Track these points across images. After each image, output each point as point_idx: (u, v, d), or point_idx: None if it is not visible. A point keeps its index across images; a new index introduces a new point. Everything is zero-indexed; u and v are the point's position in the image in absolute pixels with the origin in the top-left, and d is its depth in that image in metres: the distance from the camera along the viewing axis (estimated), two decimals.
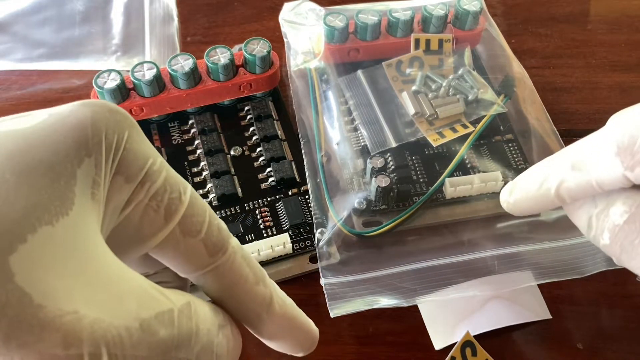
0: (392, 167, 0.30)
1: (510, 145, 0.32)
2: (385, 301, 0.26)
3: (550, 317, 0.27)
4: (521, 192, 0.23)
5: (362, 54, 0.34)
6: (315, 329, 0.21)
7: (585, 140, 0.20)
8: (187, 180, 0.26)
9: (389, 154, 0.30)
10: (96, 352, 0.14)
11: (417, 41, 0.33)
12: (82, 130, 0.15)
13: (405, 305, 0.26)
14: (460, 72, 0.32)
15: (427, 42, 0.33)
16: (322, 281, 0.26)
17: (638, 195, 0.19)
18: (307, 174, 0.30)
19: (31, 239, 0.13)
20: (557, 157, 0.21)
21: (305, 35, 0.35)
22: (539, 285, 0.28)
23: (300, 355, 0.21)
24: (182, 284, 0.20)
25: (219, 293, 0.19)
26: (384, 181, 0.28)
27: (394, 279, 0.26)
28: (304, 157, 0.30)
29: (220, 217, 0.21)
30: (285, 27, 0.36)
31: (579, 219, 0.21)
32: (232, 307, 0.19)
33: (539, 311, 0.27)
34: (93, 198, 0.15)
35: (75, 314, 0.13)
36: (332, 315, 0.25)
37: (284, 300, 0.19)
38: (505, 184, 0.29)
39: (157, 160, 0.17)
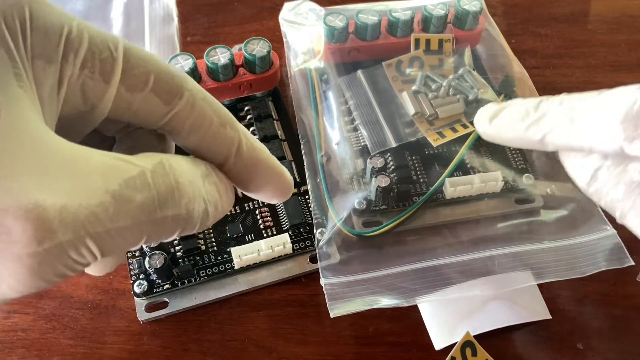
0: (392, 167, 0.30)
1: None
2: (385, 301, 0.26)
3: (550, 317, 0.27)
4: (503, 122, 0.22)
5: (362, 54, 0.34)
6: (289, 175, 0.20)
7: (592, 97, 0.19)
8: None
9: (389, 154, 0.30)
10: (76, 236, 0.14)
11: (417, 41, 0.33)
12: None
13: (405, 305, 0.26)
14: (460, 72, 0.32)
15: (427, 42, 0.33)
16: (322, 281, 0.26)
17: None
18: (307, 174, 0.30)
19: None
20: (555, 103, 0.20)
21: (305, 35, 0.35)
22: (539, 285, 0.28)
23: (275, 201, 0.21)
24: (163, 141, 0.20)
25: (185, 140, 0.18)
26: (384, 181, 0.28)
27: (394, 279, 0.26)
28: (304, 157, 0.30)
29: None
30: (285, 27, 0.36)
31: (579, 170, 0.20)
32: (200, 152, 0.18)
33: (539, 311, 0.27)
34: (22, 88, 0.14)
35: (38, 207, 0.13)
36: (332, 315, 0.25)
37: (253, 144, 0.19)
38: (505, 184, 0.29)
39: (73, 26, 0.16)
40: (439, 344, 0.26)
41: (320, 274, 0.26)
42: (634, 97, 0.18)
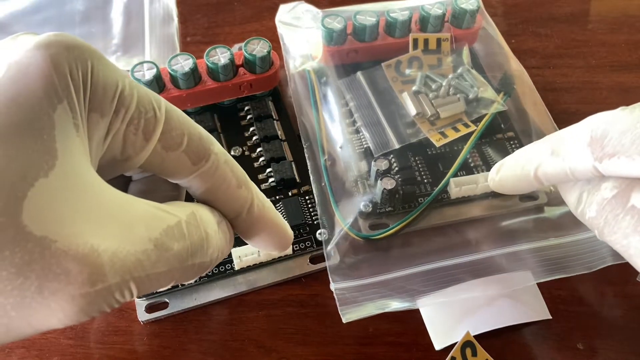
0: (396, 168, 0.30)
1: (512, 142, 0.32)
2: (395, 304, 0.26)
3: (550, 317, 0.27)
4: (506, 171, 0.25)
5: (360, 55, 0.34)
6: (290, 232, 0.22)
7: (566, 129, 0.22)
8: None
9: (392, 156, 0.30)
10: (122, 279, 0.15)
11: (415, 41, 0.33)
12: (48, 78, 0.15)
13: (416, 307, 0.26)
14: (459, 71, 0.32)
15: (425, 41, 0.33)
16: (332, 286, 0.26)
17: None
18: (311, 178, 0.29)
19: (33, 195, 0.14)
20: (540, 142, 0.23)
21: (302, 38, 0.35)
22: (539, 285, 0.28)
23: (274, 253, 0.23)
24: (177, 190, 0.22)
25: (204, 195, 0.20)
26: (389, 183, 0.28)
27: (403, 282, 0.26)
28: (307, 161, 0.30)
29: None
30: (281, 29, 0.35)
31: (570, 195, 0.22)
32: (215, 206, 0.20)
33: (539, 311, 0.27)
34: (79, 139, 0.15)
35: (94, 252, 0.14)
36: (344, 320, 0.25)
37: (263, 204, 0.21)
38: None
39: (126, 84, 0.17)
40: (439, 344, 0.26)
41: (330, 279, 0.26)
42: (597, 121, 0.20)
